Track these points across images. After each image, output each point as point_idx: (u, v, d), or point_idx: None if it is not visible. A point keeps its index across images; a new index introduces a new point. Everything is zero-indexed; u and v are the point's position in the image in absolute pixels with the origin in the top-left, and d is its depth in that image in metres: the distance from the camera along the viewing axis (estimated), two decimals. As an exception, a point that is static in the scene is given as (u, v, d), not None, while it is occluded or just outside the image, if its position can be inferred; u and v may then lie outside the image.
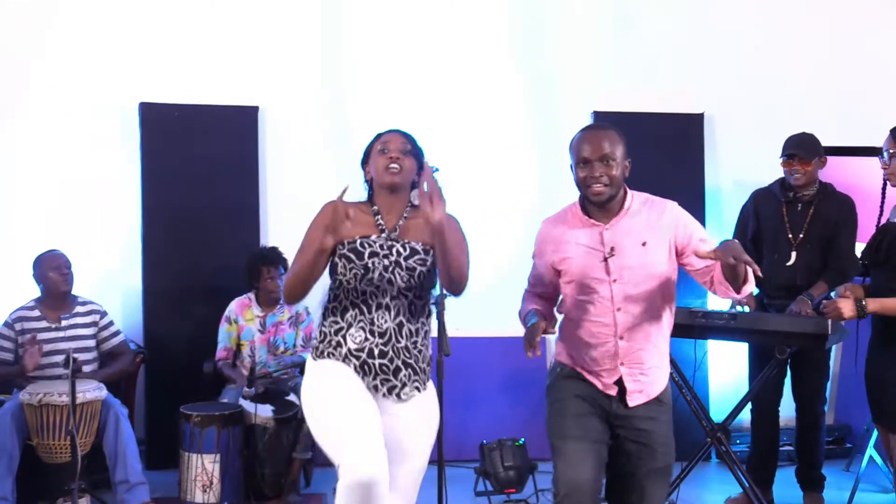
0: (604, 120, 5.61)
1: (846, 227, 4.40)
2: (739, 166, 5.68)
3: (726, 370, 5.41)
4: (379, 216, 2.99)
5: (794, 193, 4.45)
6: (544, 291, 3.12)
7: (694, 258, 2.85)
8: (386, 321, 2.89)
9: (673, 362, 4.21)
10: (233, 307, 4.88)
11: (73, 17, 5.32)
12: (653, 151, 5.54)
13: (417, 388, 2.94)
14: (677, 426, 4.40)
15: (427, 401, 2.99)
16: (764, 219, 4.56)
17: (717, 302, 5.02)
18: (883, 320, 3.48)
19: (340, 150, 5.54)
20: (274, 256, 4.84)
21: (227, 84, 5.41)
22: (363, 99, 5.54)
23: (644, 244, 2.87)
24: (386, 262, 2.90)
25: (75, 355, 4.00)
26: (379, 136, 3.05)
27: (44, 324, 4.52)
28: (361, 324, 2.89)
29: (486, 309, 5.00)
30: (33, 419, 4.10)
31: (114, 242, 5.34)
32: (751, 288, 2.84)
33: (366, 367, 2.89)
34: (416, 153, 3.03)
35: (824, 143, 4.49)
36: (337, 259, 2.90)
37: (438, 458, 3.71)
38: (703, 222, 5.62)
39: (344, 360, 2.89)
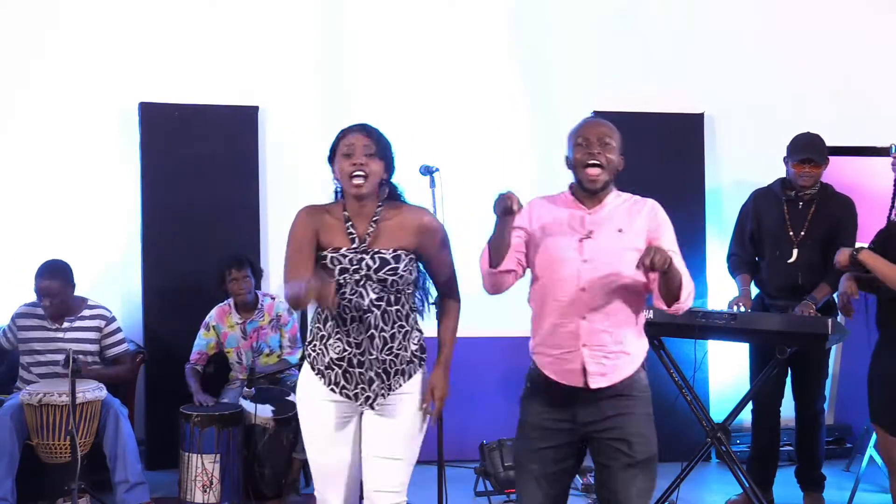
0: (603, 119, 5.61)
1: (847, 227, 4.40)
2: (739, 166, 5.67)
3: (726, 370, 5.40)
4: (350, 223, 2.94)
5: (796, 192, 4.46)
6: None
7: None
8: (360, 333, 2.91)
9: (673, 362, 4.21)
10: (213, 314, 4.86)
11: (73, 17, 5.32)
12: (653, 151, 5.53)
13: (383, 395, 2.95)
14: (677, 426, 4.38)
15: (400, 402, 2.98)
16: (765, 218, 4.56)
17: (718, 302, 5.02)
18: (889, 321, 3.48)
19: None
20: (232, 258, 4.79)
21: (227, 84, 5.41)
22: (363, 99, 5.52)
23: (620, 230, 2.92)
24: (357, 276, 2.88)
25: (75, 356, 3.99)
26: (343, 134, 2.92)
27: (46, 323, 4.52)
28: (339, 334, 2.92)
29: (486, 309, 4.95)
30: (33, 419, 4.10)
31: (114, 242, 5.34)
32: (683, 305, 2.89)
33: (347, 375, 2.92)
34: (383, 153, 2.91)
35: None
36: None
37: (438, 458, 3.70)
38: (702, 222, 5.62)
39: (328, 369, 2.93)
